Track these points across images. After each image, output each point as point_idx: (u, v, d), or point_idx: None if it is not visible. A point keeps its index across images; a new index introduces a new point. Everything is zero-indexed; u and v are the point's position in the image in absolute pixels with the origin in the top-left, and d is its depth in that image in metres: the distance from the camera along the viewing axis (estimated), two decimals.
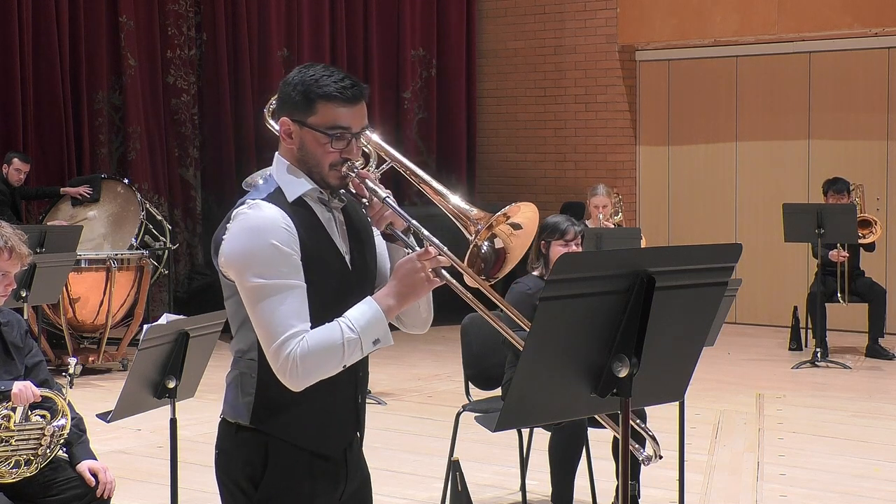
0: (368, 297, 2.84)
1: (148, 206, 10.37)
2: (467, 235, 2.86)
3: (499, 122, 13.65)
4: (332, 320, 2.82)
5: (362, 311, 2.80)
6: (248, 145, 11.94)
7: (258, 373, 2.88)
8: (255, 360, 2.88)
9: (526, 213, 2.90)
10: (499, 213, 2.86)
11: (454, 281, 2.83)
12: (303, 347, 2.75)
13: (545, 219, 5.83)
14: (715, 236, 12.11)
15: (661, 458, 2.91)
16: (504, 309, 2.85)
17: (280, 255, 2.79)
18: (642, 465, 2.79)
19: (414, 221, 2.90)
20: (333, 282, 2.89)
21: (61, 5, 10.81)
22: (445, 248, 2.84)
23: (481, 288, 2.83)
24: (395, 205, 2.89)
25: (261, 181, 3.02)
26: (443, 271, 2.83)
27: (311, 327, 2.81)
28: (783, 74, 12.11)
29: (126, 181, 10.51)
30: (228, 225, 2.86)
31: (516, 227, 2.89)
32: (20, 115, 10.60)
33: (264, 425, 2.89)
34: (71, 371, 5.08)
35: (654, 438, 2.88)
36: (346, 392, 2.97)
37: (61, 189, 10.40)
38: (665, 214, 12.79)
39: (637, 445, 2.82)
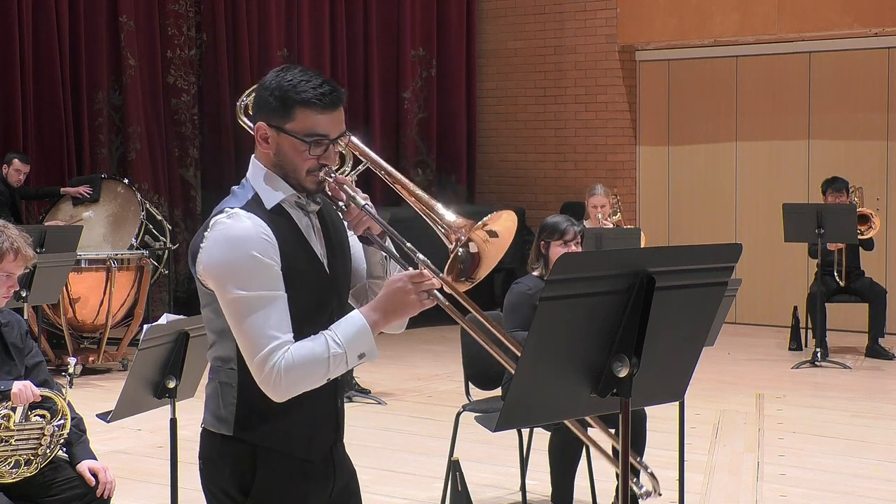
0: (355, 311, 2.83)
1: (148, 206, 10.37)
2: (447, 244, 2.85)
3: (499, 122, 13.65)
4: (312, 326, 2.82)
5: (347, 326, 2.79)
6: (248, 145, 11.92)
7: (238, 382, 2.87)
8: (235, 369, 2.87)
9: (505, 223, 2.89)
10: (479, 222, 2.85)
11: (448, 303, 2.82)
12: (287, 360, 2.74)
13: (545, 219, 5.84)
14: (715, 236, 12.10)
15: (660, 495, 2.91)
16: (491, 328, 2.81)
17: (260, 266, 2.77)
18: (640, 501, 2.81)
19: (392, 230, 2.89)
20: (313, 289, 2.88)
21: (61, 5, 10.81)
22: (441, 274, 2.82)
23: (466, 304, 2.80)
24: (373, 212, 2.88)
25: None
26: (435, 292, 2.81)
27: (294, 335, 2.80)
28: (783, 74, 12.11)
29: (126, 181, 10.51)
30: (206, 234, 2.84)
31: (492, 234, 2.88)
32: (20, 116, 10.60)
33: (248, 434, 2.89)
34: (71, 371, 5.09)
35: (652, 475, 2.88)
36: (328, 398, 2.97)
37: (61, 189, 10.40)
38: (665, 214, 12.78)
39: (636, 479, 2.85)
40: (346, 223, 2.97)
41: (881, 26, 11.40)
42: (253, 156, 2.96)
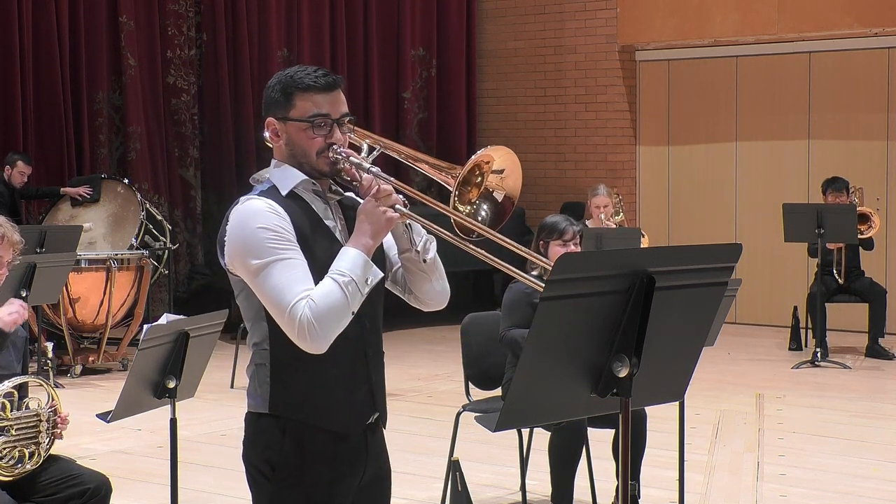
0: (343, 247, 2.93)
1: (148, 206, 10.37)
2: (448, 188, 2.98)
3: (499, 122, 13.65)
4: None
5: (345, 259, 2.90)
6: (249, 145, 11.94)
7: (270, 361, 2.99)
8: (267, 349, 2.99)
9: (500, 157, 3.05)
10: (471, 159, 2.99)
11: (413, 214, 2.97)
12: (312, 307, 2.84)
13: (544, 219, 5.84)
14: (715, 236, 12.10)
15: None
16: (495, 238, 2.90)
17: (269, 234, 2.89)
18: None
19: (404, 185, 2.98)
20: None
21: (61, 5, 10.81)
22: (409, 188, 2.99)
23: (475, 228, 2.93)
24: (382, 174, 2.98)
25: (267, 175, 3.08)
26: (399, 206, 2.95)
27: None
28: (783, 74, 12.11)
29: (126, 181, 10.51)
30: (227, 227, 2.97)
31: (498, 172, 3.04)
32: (20, 116, 10.60)
33: (282, 410, 2.99)
34: (49, 356, 5.16)
35: None
36: (356, 368, 3.04)
37: (61, 189, 10.40)
38: (665, 214, 12.78)
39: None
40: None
41: (881, 26, 11.40)
42: (273, 157, 3.09)
